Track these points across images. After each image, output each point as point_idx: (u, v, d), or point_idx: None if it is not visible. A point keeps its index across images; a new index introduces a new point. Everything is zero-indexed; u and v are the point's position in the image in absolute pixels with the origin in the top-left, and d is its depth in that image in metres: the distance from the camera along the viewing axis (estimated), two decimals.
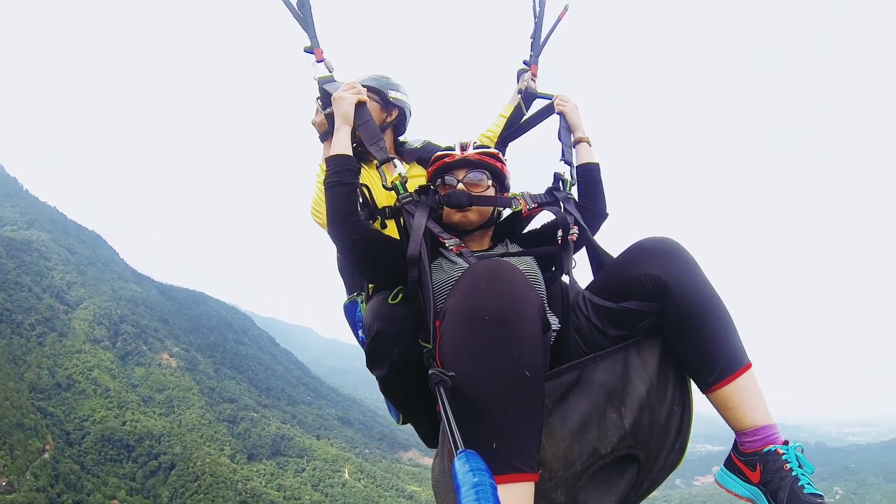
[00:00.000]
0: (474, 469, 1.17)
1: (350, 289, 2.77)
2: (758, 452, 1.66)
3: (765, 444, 1.66)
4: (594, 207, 2.54)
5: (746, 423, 1.69)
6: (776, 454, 1.62)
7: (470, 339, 1.47)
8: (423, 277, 1.90)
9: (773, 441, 1.66)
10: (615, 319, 1.81)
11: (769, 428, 1.68)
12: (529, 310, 1.50)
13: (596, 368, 1.70)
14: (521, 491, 1.36)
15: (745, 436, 1.70)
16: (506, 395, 1.41)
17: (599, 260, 2.18)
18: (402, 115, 3.03)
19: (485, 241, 2.45)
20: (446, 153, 2.35)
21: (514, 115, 3.15)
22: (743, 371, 1.68)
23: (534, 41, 3.11)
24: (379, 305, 2.14)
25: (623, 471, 1.72)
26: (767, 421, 1.69)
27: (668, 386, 1.75)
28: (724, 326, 1.71)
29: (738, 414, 1.69)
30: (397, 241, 2.20)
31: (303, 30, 2.49)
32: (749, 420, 1.68)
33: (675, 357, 1.77)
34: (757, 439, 1.67)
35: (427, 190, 2.26)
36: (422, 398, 1.97)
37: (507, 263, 1.59)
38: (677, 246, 1.80)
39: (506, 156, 3.10)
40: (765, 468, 1.63)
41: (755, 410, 1.69)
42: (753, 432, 1.68)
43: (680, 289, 1.70)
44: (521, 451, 1.38)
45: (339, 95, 2.31)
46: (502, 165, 2.39)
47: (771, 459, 1.62)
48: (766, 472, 1.62)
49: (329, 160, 2.20)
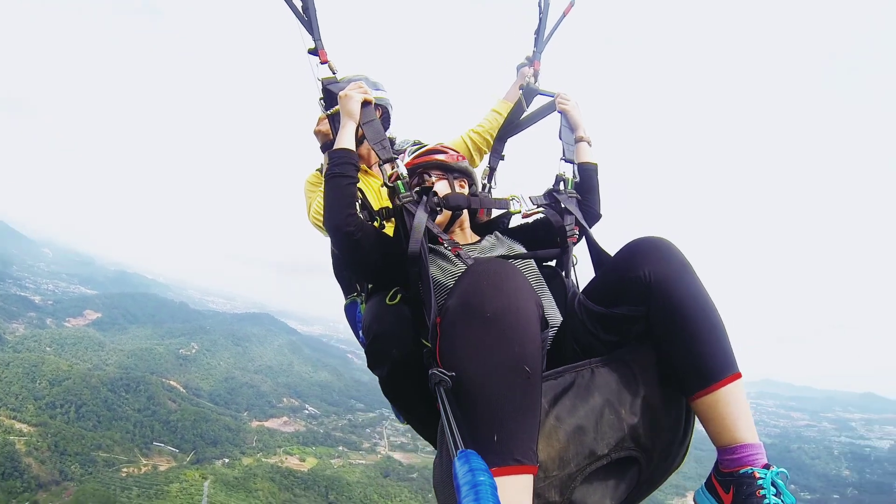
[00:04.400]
0: (474, 469, 1.17)
1: (347, 290, 2.79)
2: (733, 474, 1.57)
3: (742, 466, 1.56)
4: (589, 208, 2.59)
5: (727, 439, 1.59)
6: (752, 478, 1.53)
7: (471, 336, 1.48)
8: (423, 275, 1.92)
9: (751, 463, 1.55)
10: (607, 324, 1.78)
11: (750, 448, 1.57)
12: (529, 308, 1.51)
13: (594, 372, 1.69)
14: (520, 483, 1.38)
15: (724, 453, 1.60)
16: (506, 390, 1.42)
17: (600, 259, 2.17)
18: (385, 112, 3.07)
19: (467, 234, 2.50)
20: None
21: (515, 112, 3.15)
22: (731, 380, 1.61)
23: (537, 37, 3.09)
24: (378, 306, 2.17)
25: (622, 473, 1.69)
26: (749, 440, 1.57)
27: (669, 391, 1.72)
28: (715, 331, 1.65)
29: (721, 427, 1.60)
30: (393, 239, 2.24)
31: (307, 32, 2.51)
32: (730, 436, 1.59)
33: (663, 360, 1.71)
34: (734, 459, 1.58)
35: (428, 190, 2.29)
36: (423, 397, 1.99)
37: (507, 263, 1.61)
38: (669, 246, 1.75)
39: (504, 152, 3.20)
40: (737, 491, 1.54)
41: (738, 425, 1.58)
42: (733, 450, 1.59)
43: (670, 291, 1.65)
44: (521, 444, 1.39)
45: (346, 94, 2.37)
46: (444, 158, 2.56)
47: (745, 483, 1.53)
48: (738, 495, 1.53)
49: (331, 153, 2.23)
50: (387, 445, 71.81)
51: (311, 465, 61.76)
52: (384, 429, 77.54)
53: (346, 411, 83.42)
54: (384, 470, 63.17)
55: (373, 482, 58.72)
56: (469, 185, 2.61)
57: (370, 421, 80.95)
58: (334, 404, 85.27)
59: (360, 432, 75.87)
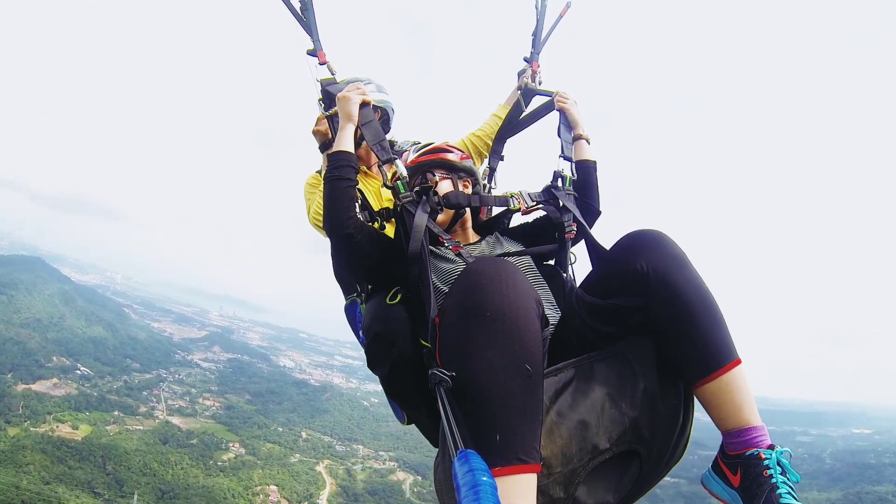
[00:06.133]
0: (474, 469, 1.17)
1: (347, 291, 2.88)
2: (740, 456, 1.60)
3: (748, 448, 1.58)
4: (588, 205, 2.60)
5: (731, 424, 1.62)
6: (758, 458, 1.55)
7: (470, 335, 1.47)
8: (424, 275, 1.95)
9: (756, 444, 1.58)
10: (604, 316, 1.76)
11: (754, 430, 1.60)
12: (529, 306, 1.50)
13: (593, 366, 1.70)
14: (524, 482, 1.37)
15: (730, 436, 1.63)
16: (507, 389, 1.41)
17: (598, 255, 2.17)
18: (385, 115, 3.15)
19: (468, 234, 2.56)
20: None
21: (514, 112, 3.25)
22: (732, 366, 1.61)
23: (535, 38, 3.18)
24: (378, 306, 2.21)
25: (625, 467, 1.70)
26: (754, 422, 1.60)
27: (668, 382, 1.71)
28: (714, 319, 1.65)
29: (724, 412, 1.62)
30: (392, 240, 2.31)
31: (306, 33, 2.59)
32: (734, 420, 1.61)
33: (663, 351, 1.71)
34: (740, 441, 1.60)
35: (428, 190, 2.27)
36: (424, 397, 2.02)
37: (506, 261, 1.60)
38: (665, 238, 1.74)
39: (503, 152, 3.33)
40: (745, 473, 1.57)
41: (742, 410, 1.60)
42: (738, 433, 1.61)
43: (668, 281, 1.65)
44: (524, 443, 1.39)
45: (345, 95, 2.39)
46: (448, 155, 2.60)
47: (752, 464, 1.55)
48: (746, 476, 1.56)
49: (331, 156, 2.27)
50: (165, 410, 70.16)
51: (86, 433, 57.89)
52: (161, 391, 75.08)
53: (122, 372, 77.40)
54: (163, 436, 62.20)
55: (152, 449, 57.79)
56: (473, 185, 2.62)
57: (147, 382, 77.09)
58: (109, 364, 78.25)
59: (136, 395, 72.12)
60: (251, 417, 74.04)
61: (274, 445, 67.52)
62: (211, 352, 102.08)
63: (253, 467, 59.87)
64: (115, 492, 49.31)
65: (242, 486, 55.28)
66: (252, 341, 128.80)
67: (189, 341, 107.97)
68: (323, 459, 66.52)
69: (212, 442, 64.12)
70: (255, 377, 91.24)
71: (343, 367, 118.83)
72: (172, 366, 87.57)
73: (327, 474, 62.64)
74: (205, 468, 57.96)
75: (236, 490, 54.19)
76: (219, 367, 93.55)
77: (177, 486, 52.80)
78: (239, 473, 58.02)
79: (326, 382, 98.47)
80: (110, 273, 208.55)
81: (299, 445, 69.60)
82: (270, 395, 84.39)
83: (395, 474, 64.70)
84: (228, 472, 58.45)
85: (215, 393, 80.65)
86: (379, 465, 67.34)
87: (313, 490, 58.31)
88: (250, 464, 60.90)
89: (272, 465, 61.32)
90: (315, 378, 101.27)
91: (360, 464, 67.01)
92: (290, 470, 61.24)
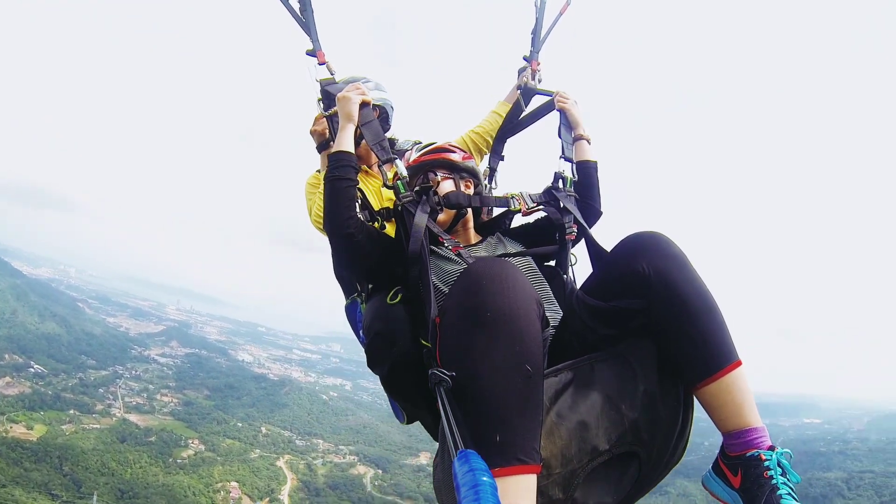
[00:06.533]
0: (475, 469, 1.17)
1: (348, 291, 2.90)
2: (741, 457, 1.61)
3: (748, 449, 1.59)
4: (589, 206, 2.62)
5: (732, 425, 1.63)
6: (758, 459, 1.56)
7: (471, 336, 1.48)
8: (424, 275, 1.95)
9: (757, 445, 1.59)
10: (606, 319, 1.77)
11: (755, 431, 1.61)
12: (530, 307, 1.51)
13: (593, 368, 1.70)
14: (524, 482, 1.37)
15: (730, 438, 1.64)
16: (507, 390, 1.41)
17: (599, 256, 2.17)
18: (384, 113, 3.12)
19: (470, 234, 2.57)
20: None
21: (513, 112, 3.25)
22: (733, 368, 1.62)
23: (534, 37, 3.17)
24: (378, 306, 2.23)
25: (624, 468, 1.71)
26: (754, 424, 1.61)
27: (668, 384, 1.72)
28: (715, 321, 1.66)
29: (725, 414, 1.63)
30: (393, 240, 2.32)
31: (305, 33, 2.59)
32: (735, 421, 1.62)
33: (664, 353, 1.72)
34: (741, 442, 1.61)
35: (428, 190, 2.28)
36: (424, 396, 2.03)
37: (506, 262, 1.60)
38: (666, 240, 1.75)
39: (503, 152, 3.34)
40: (745, 474, 1.58)
41: (742, 411, 1.61)
42: (738, 434, 1.62)
43: (669, 283, 1.65)
44: (524, 444, 1.39)
45: (344, 95, 2.40)
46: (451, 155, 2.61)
47: (752, 465, 1.57)
48: (747, 478, 1.57)
49: (331, 156, 2.29)
50: (122, 407, 69.05)
51: (41, 433, 56.80)
52: (118, 388, 73.64)
53: (77, 369, 75.30)
54: (120, 434, 61.52)
55: (109, 448, 57.21)
56: (475, 185, 2.64)
57: (103, 380, 75.38)
58: (63, 361, 76.09)
59: (92, 393, 70.58)
60: (210, 413, 73.74)
61: (234, 441, 67.66)
62: (168, 347, 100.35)
63: (213, 464, 60.04)
64: (73, 493, 49.05)
65: (203, 484, 55.62)
66: (210, 335, 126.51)
67: (146, 336, 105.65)
68: (283, 454, 67.04)
69: (171, 439, 63.92)
70: (214, 372, 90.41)
71: (302, 361, 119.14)
72: (129, 362, 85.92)
73: (288, 469, 63.35)
74: (164, 466, 57.86)
75: (197, 487, 54.50)
76: (176, 362, 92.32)
77: (136, 486, 52.74)
78: (199, 470, 58.25)
79: (285, 377, 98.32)
80: (64, 266, 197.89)
81: (259, 441, 69.89)
82: (229, 389, 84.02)
83: (356, 468, 65.90)
84: (188, 469, 58.54)
85: (173, 389, 79.83)
86: (339, 460, 68.37)
87: (274, 485, 59.07)
88: (210, 460, 61.05)
89: (232, 462, 61.64)
90: (274, 372, 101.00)
91: (320, 458, 67.84)
92: (251, 466, 61.73)
